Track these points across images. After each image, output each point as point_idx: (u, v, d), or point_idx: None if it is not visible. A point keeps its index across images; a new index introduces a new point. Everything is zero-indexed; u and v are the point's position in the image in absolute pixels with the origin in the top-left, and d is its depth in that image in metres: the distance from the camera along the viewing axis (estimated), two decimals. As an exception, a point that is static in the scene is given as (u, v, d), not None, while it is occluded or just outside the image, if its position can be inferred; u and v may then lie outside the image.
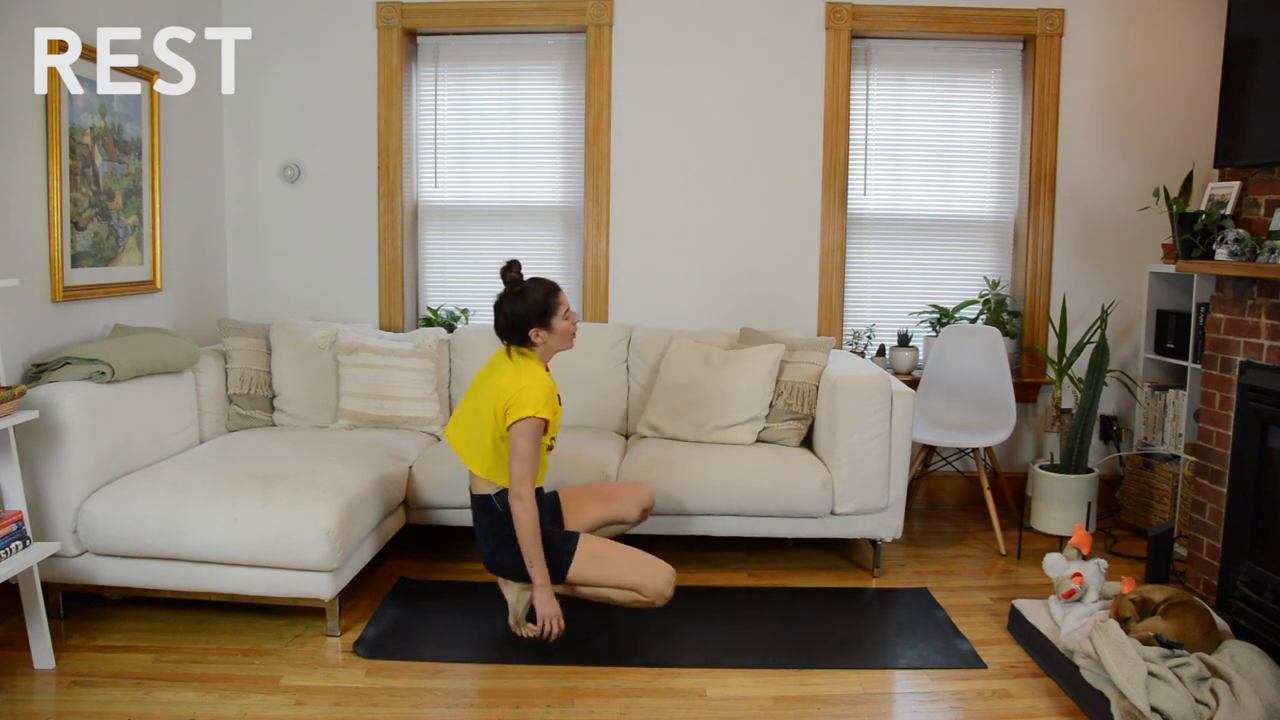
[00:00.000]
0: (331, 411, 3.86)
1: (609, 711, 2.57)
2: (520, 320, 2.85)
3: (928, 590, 3.44)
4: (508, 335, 2.89)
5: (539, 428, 2.77)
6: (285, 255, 4.45)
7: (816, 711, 2.59)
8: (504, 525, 2.85)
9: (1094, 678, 2.54)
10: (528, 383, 2.79)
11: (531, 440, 2.76)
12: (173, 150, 3.93)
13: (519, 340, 2.88)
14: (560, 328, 2.89)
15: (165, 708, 2.55)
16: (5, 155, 3.00)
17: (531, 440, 2.76)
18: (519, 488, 2.75)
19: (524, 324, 2.85)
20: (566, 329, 2.91)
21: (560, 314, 2.89)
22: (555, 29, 4.40)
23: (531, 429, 2.75)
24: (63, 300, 3.25)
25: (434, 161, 4.54)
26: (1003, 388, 4.09)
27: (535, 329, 2.86)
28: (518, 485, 2.76)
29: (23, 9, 3.03)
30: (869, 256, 4.52)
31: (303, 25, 4.34)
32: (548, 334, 2.88)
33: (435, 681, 2.72)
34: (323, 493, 2.96)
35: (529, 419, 2.75)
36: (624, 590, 2.89)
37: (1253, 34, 3.19)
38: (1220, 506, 3.21)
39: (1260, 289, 3.07)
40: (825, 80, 4.32)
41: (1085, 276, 4.38)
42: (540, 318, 2.86)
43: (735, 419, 3.75)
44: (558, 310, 2.89)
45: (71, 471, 2.90)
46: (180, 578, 2.96)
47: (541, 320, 2.86)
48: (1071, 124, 4.32)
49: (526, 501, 2.76)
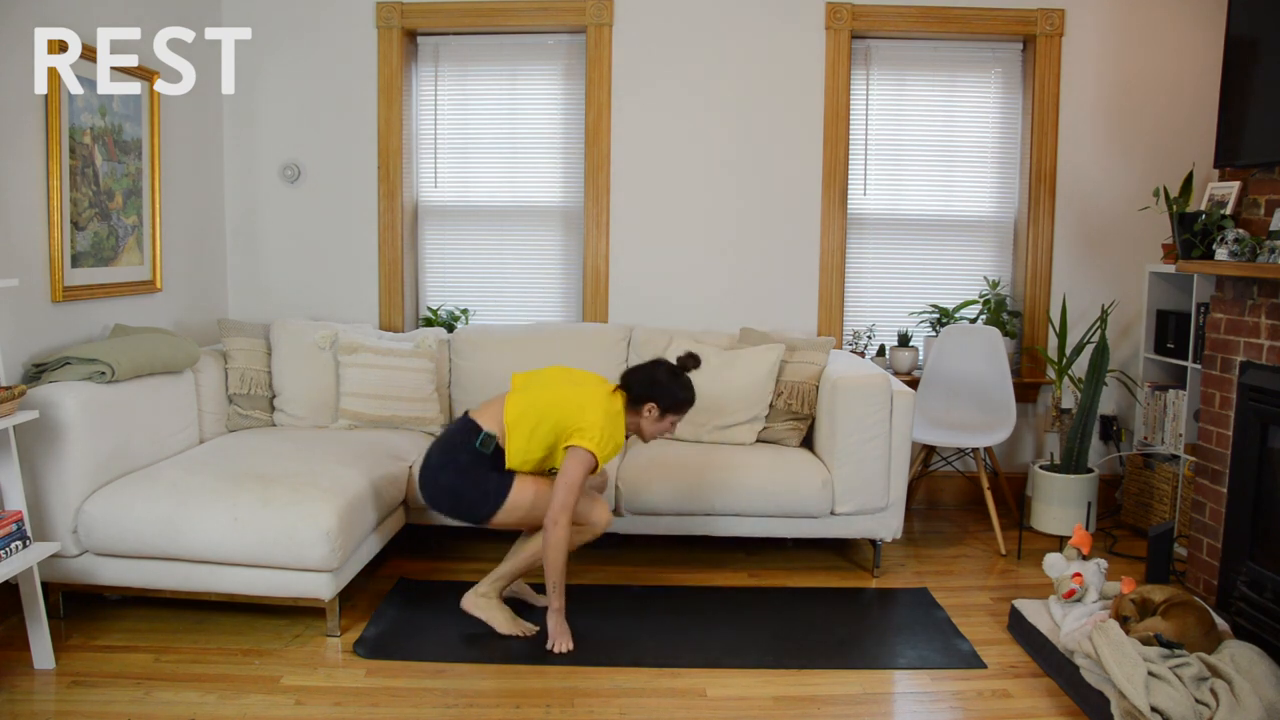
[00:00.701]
0: (331, 411, 3.86)
1: (609, 711, 2.57)
2: (657, 392, 2.97)
3: (928, 590, 3.44)
4: (633, 387, 2.98)
5: (591, 464, 2.84)
6: (285, 255, 4.45)
7: (816, 711, 2.59)
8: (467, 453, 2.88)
9: (1094, 678, 2.54)
10: (611, 428, 2.88)
11: (583, 472, 2.83)
12: (173, 150, 3.93)
13: (636, 399, 2.97)
14: (660, 427, 3.01)
15: (165, 708, 2.55)
16: (5, 155, 3.00)
17: (583, 472, 2.83)
18: (559, 514, 2.81)
19: (655, 396, 2.97)
20: (662, 429, 3.02)
21: (672, 420, 3.02)
22: (555, 29, 4.40)
23: (586, 462, 2.82)
24: (63, 300, 3.25)
25: (434, 161, 4.54)
26: (1003, 388, 4.09)
27: (654, 407, 2.97)
28: (558, 512, 2.81)
29: (23, 9, 3.03)
30: (869, 256, 4.52)
31: (303, 25, 4.34)
32: (654, 419, 2.99)
33: (435, 681, 2.72)
34: (323, 493, 2.96)
35: (591, 453, 2.82)
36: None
37: (1253, 34, 3.19)
38: (1220, 506, 3.21)
39: (1260, 289, 3.07)
40: (825, 80, 4.32)
41: (1085, 276, 4.38)
42: (669, 406, 2.99)
43: (735, 419, 3.75)
44: (678, 414, 3.02)
45: (71, 471, 2.90)
46: (180, 578, 2.96)
47: (665, 407, 2.98)
48: (1071, 124, 4.32)
49: (564, 529, 2.82)
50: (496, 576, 3.05)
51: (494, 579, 3.05)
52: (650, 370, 3.02)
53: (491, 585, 3.05)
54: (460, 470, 2.91)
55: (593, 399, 2.91)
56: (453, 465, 2.92)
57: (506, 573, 3.04)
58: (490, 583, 3.05)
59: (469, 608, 3.04)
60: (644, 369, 3.04)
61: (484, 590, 3.05)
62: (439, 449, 2.97)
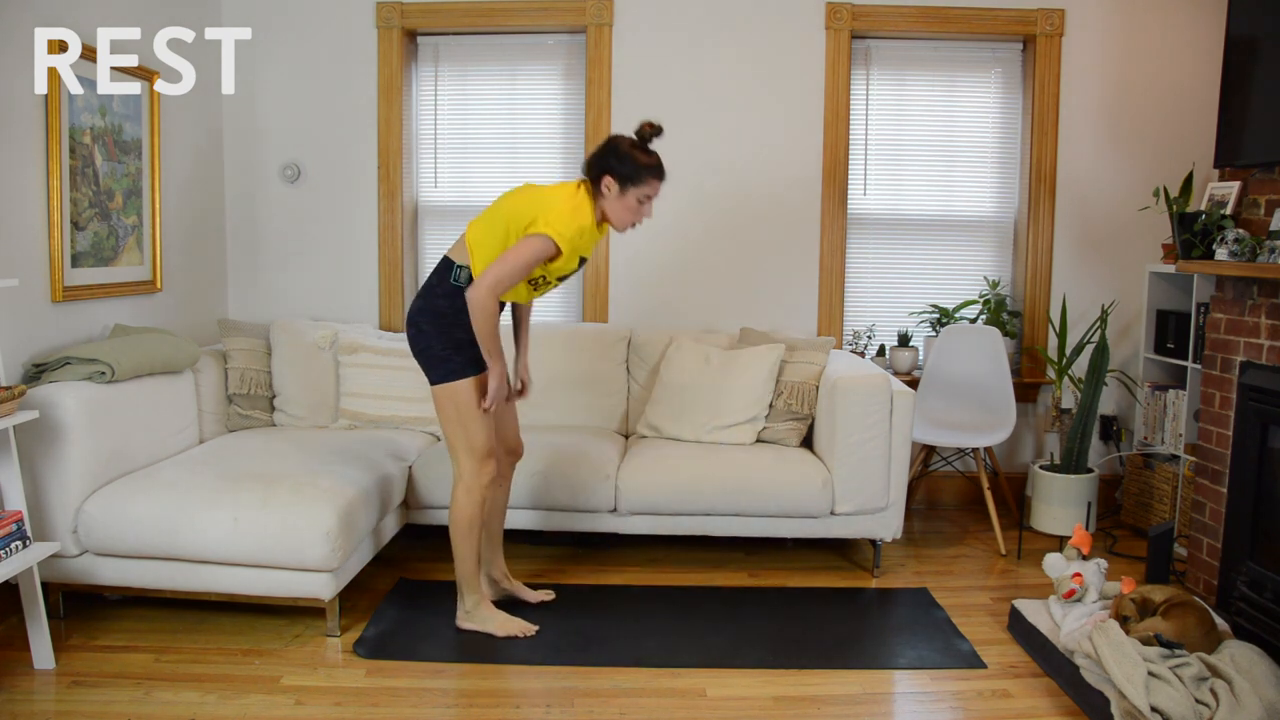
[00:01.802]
0: (331, 411, 3.86)
1: (609, 711, 2.57)
2: (610, 162, 2.74)
3: (928, 590, 3.44)
4: (592, 162, 2.78)
5: (546, 252, 2.66)
6: (285, 255, 4.45)
7: (816, 711, 2.59)
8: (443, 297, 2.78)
9: (1094, 678, 2.54)
10: (574, 214, 2.69)
11: (531, 256, 2.65)
12: (173, 150, 3.93)
13: (595, 173, 2.76)
14: (629, 202, 2.75)
15: (165, 708, 2.55)
16: (5, 155, 3.00)
17: (531, 256, 2.65)
18: (487, 285, 2.65)
19: (608, 167, 2.73)
20: (631, 209, 2.77)
21: (641, 191, 2.75)
22: (555, 29, 4.40)
23: (540, 248, 2.65)
24: (63, 300, 3.25)
25: (434, 161, 4.54)
26: (1003, 388, 4.09)
27: (612, 180, 2.74)
28: (489, 282, 2.65)
29: (23, 9, 3.03)
30: (869, 256, 4.52)
31: (303, 25, 4.34)
32: (618, 193, 2.74)
33: (435, 681, 2.72)
34: (323, 493, 2.96)
35: (545, 238, 2.64)
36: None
37: (1253, 34, 3.19)
38: (1220, 506, 3.21)
39: (1260, 289, 3.07)
40: (825, 80, 4.32)
41: (1085, 276, 4.38)
42: (627, 176, 2.73)
43: (735, 419, 3.75)
44: (642, 186, 2.75)
45: (71, 471, 2.90)
46: (180, 578, 2.96)
47: (623, 177, 2.73)
48: (1071, 124, 4.32)
49: (485, 301, 2.65)
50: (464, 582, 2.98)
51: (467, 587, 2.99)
52: (605, 144, 2.78)
53: (470, 596, 3.00)
54: (436, 317, 2.79)
55: (553, 192, 2.78)
56: (429, 311, 2.80)
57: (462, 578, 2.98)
58: (468, 595, 2.99)
59: (464, 625, 3.01)
60: (600, 146, 2.79)
61: (469, 605, 3.01)
62: (420, 293, 2.86)
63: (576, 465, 3.49)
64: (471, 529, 2.91)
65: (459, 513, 2.90)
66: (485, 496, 2.92)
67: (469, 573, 2.97)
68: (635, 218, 2.81)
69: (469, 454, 2.86)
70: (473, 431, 2.85)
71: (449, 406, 2.84)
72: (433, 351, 2.82)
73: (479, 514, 2.92)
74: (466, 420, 2.84)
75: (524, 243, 2.68)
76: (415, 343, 2.85)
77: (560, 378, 4.05)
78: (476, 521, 2.92)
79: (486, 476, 2.90)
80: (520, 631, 2.98)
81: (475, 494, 2.89)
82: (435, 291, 2.82)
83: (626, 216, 2.80)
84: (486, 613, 3.01)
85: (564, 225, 2.67)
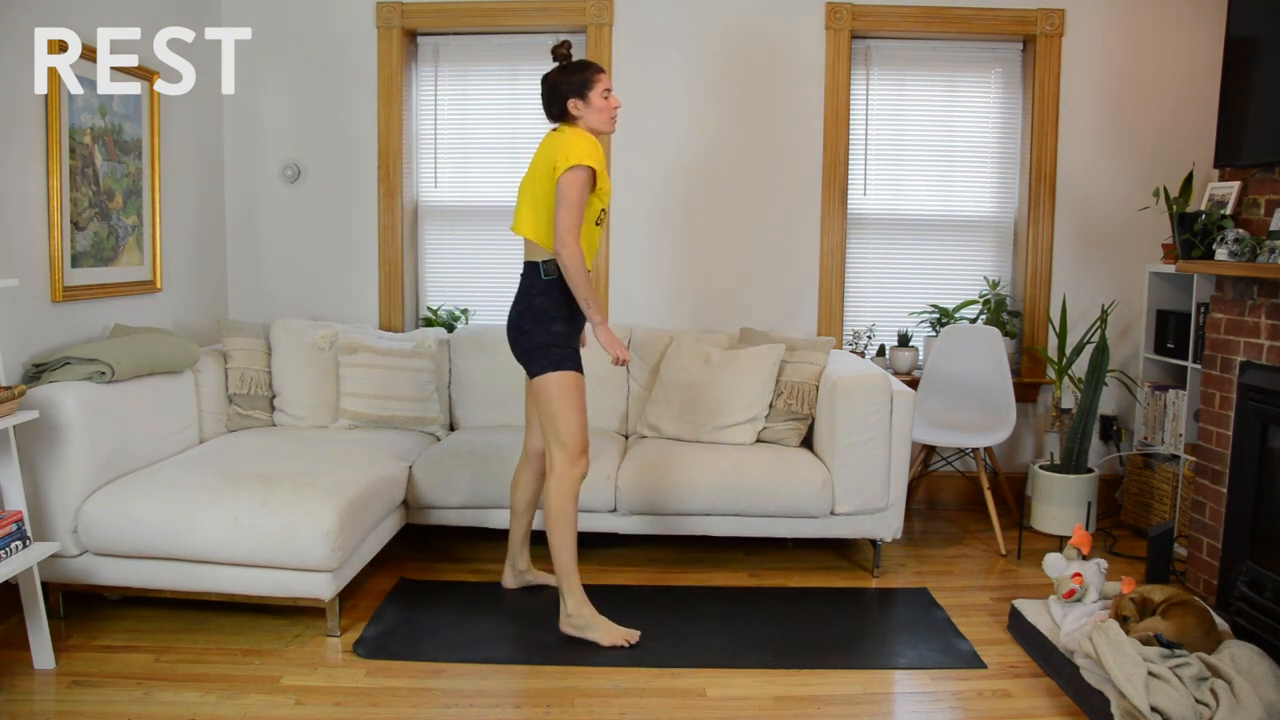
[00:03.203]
0: (331, 411, 3.86)
1: (609, 711, 2.57)
2: (561, 90, 2.92)
3: (928, 590, 3.44)
4: (549, 106, 2.97)
5: (584, 178, 2.80)
6: (285, 255, 4.45)
7: (816, 711, 2.59)
8: (540, 295, 2.92)
9: (1094, 678, 2.54)
10: (574, 139, 2.84)
11: (578, 188, 2.80)
12: (173, 150, 3.93)
13: (560, 112, 2.95)
14: (598, 104, 2.93)
15: (165, 708, 2.55)
16: (5, 155, 3.00)
17: (578, 188, 2.80)
18: (565, 235, 2.79)
19: (563, 96, 2.92)
20: (605, 107, 2.94)
21: (598, 90, 2.92)
22: (555, 29, 4.39)
23: (577, 178, 2.79)
24: (63, 300, 3.25)
25: (434, 161, 4.54)
26: (1003, 388, 4.09)
27: (574, 101, 2.92)
28: (564, 233, 2.79)
29: (23, 9, 3.03)
30: (869, 256, 4.52)
31: (303, 25, 4.34)
32: (585, 107, 2.92)
33: (435, 681, 2.72)
34: (323, 493, 2.96)
35: (574, 168, 2.79)
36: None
37: (1253, 34, 3.19)
38: (1220, 506, 3.21)
39: (1260, 289, 3.07)
40: (825, 80, 4.32)
41: (1085, 276, 4.38)
42: (579, 90, 2.91)
43: (735, 419, 3.75)
44: (596, 86, 2.92)
45: (71, 471, 2.90)
46: (180, 578, 2.96)
47: (579, 93, 2.91)
48: (1071, 124, 4.32)
49: (572, 248, 2.79)
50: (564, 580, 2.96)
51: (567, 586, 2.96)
52: (543, 87, 2.98)
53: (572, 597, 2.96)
54: (537, 315, 2.93)
55: (550, 139, 2.92)
56: (530, 312, 2.94)
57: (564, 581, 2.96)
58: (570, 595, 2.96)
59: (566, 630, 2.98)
60: (544, 92, 2.98)
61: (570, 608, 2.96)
62: (516, 301, 3.02)
63: (576, 465, 3.49)
64: (564, 521, 2.94)
65: (551, 506, 2.94)
66: (578, 490, 2.97)
67: (567, 569, 2.96)
68: (611, 113, 2.98)
69: (561, 447, 2.92)
70: (567, 425, 2.91)
71: (546, 398, 2.92)
72: (535, 347, 2.92)
73: (571, 508, 2.95)
74: (561, 413, 2.90)
75: (563, 183, 2.81)
76: (518, 344, 2.98)
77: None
78: (569, 515, 2.95)
79: (579, 471, 2.95)
80: (624, 640, 2.92)
81: (566, 487, 2.93)
82: (530, 293, 2.96)
83: (604, 117, 2.96)
84: (589, 618, 2.96)
85: (580, 148, 2.82)
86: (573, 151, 2.80)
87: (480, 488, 3.50)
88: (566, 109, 2.93)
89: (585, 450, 2.97)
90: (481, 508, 3.55)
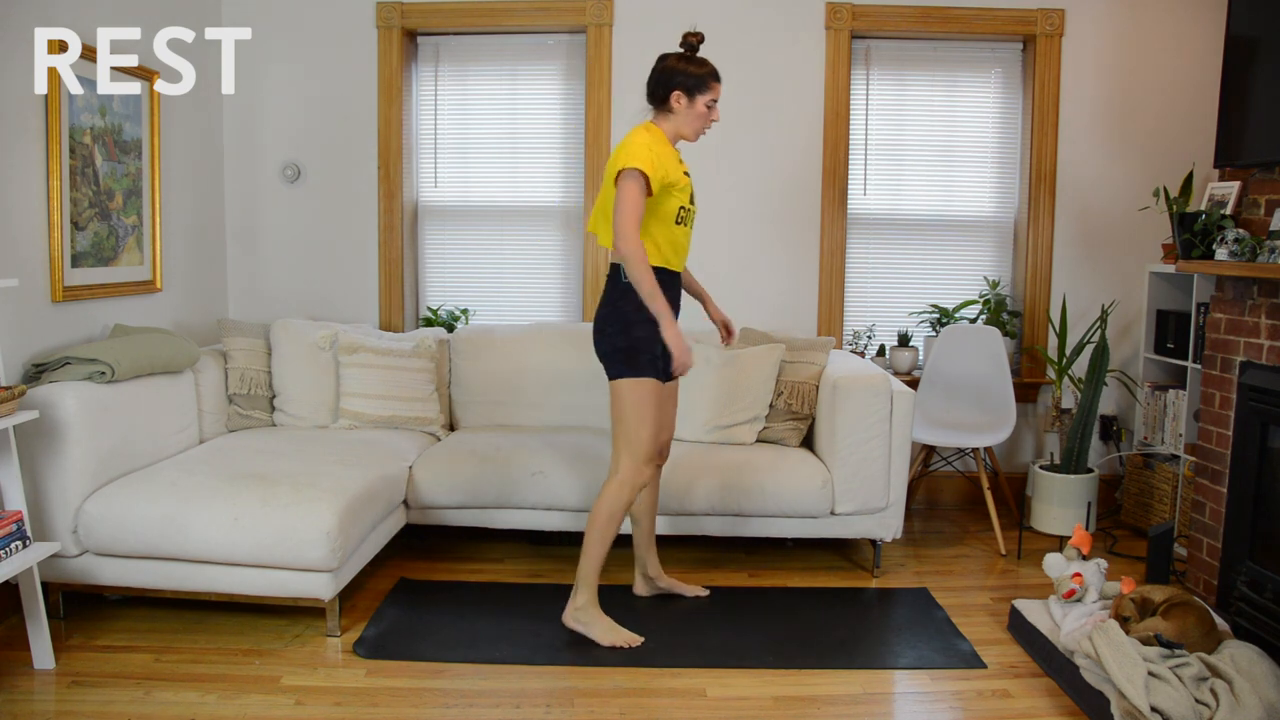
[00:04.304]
0: (331, 411, 3.86)
1: (609, 711, 2.57)
2: (673, 77, 2.89)
3: (928, 590, 3.44)
4: (655, 88, 2.93)
5: (637, 180, 2.76)
6: (285, 255, 4.45)
7: (816, 711, 2.59)
8: (621, 297, 2.88)
9: (1094, 678, 2.54)
10: (634, 142, 2.82)
11: (631, 190, 2.76)
12: (173, 150, 3.93)
13: (661, 97, 2.91)
14: (700, 110, 2.91)
15: (165, 708, 2.55)
16: (5, 155, 3.00)
17: (631, 190, 2.76)
18: (621, 231, 2.76)
19: (673, 85, 2.89)
20: (704, 115, 2.92)
21: (707, 98, 2.90)
22: (555, 29, 4.40)
23: (629, 180, 2.76)
24: (63, 300, 3.25)
25: (434, 161, 4.54)
26: (1003, 388, 4.09)
27: (680, 94, 2.89)
28: (620, 230, 2.77)
29: (23, 9, 3.03)
30: (869, 256, 4.52)
31: (303, 25, 4.34)
32: (687, 106, 2.90)
33: (435, 681, 2.72)
34: (323, 493, 2.96)
35: (625, 173, 2.77)
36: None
37: (1253, 34, 3.19)
38: (1220, 506, 3.21)
39: (1260, 289, 3.07)
40: (825, 80, 4.32)
41: (1085, 276, 4.38)
42: (693, 86, 2.88)
43: (735, 419, 3.75)
44: (708, 92, 2.90)
45: (71, 471, 2.90)
46: (180, 578, 2.96)
47: (690, 90, 2.88)
48: (1071, 124, 4.32)
49: (630, 243, 2.75)
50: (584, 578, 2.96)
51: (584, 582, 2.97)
52: (659, 66, 2.93)
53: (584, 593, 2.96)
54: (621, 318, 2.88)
55: (623, 142, 2.88)
56: (615, 316, 2.90)
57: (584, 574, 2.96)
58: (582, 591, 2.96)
59: (569, 623, 2.98)
60: (655, 69, 2.94)
61: (579, 602, 2.97)
62: (602, 303, 2.97)
63: (576, 463, 3.49)
64: (611, 523, 2.93)
65: (604, 504, 2.92)
66: (634, 498, 2.96)
67: (593, 569, 2.95)
68: (705, 124, 2.96)
69: (630, 453, 2.91)
70: (638, 432, 2.90)
71: (621, 402, 2.91)
72: (614, 350, 2.91)
73: (623, 513, 2.95)
74: (634, 419, 2.89)
75: (619, 190, 2.78)
76: (599, 345, 2.96)
77: (560, 378, 4.05)
78: (618, 519, 2.94)
79: (642, 479, 2.94)
80: (625, 642, 2.93)
81: (625, 492, 2.92)
82: (613, 295, 2.91)
83: (698, 124, 2.94)
84: (594, 616, 2.97)
85: (634, 151, 2.79)
86: (632, 155, 2.78)
87: (480, 488, 3.50)
88: (669, 98, 2.90)
89: (652, 457, 2.97)
90: (481, 508, 3.55)
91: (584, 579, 2.96)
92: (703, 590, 3.35)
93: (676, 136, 2.96)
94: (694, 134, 2.96)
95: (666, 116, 2.93)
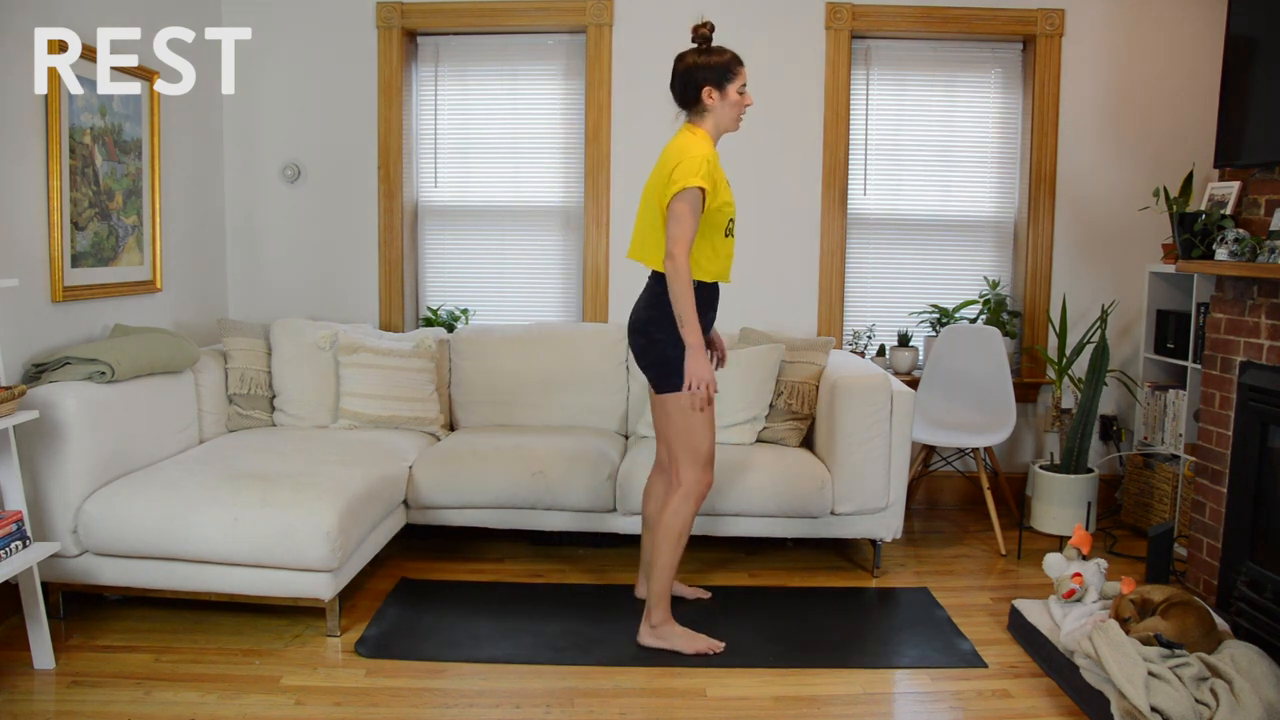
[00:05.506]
0: (331, 411, 3.86)
1: (609, 711, 2.57)
2: (699, 75, 2.78)
3: (928, 590, 3.44)
4: (683, 91, 2.81)
5: (696, 199, 2.69)
6: (285, 255, 4.45)
7: (816, 711, 2.59)
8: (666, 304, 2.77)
9: (1094, 678, 2.54)
10: (692, 154, 2.71)
11: (689, 208, 2.69)
12: (173, 150, 3.93)
13: (692, 99, 2.80)
14: (733, 98, 2.80)
15: (165, 708, 2.55)
16: (5, 155, 3.00)
17: (689, 208, 2.69)
18: (674, 248, 2.68)
19: (701, 82, 2.78)
20: (739, 102, 2.82)
21: (737, 84, 2.80)
22: (555, 29, 4.40)
23: (688, 198, 2.68)
24: (63, 300, 3.25)
25: (434, 161, 4.54)
26: (1003, 388, 4.09)
27: (710, 89, 2.78)
28: (673, 245, 2.69)
29: (23, 9, 3.03)
30: (869, 256, 4.52)
31: (303, 25, 4.34)
32: (720, 99, 2.79)
33: (435, 681, 2.72)
34: (323, 493, 2.96)
35: (683, 190, 2.68)
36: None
37: (1253, 34, 3.19)
38: (1220, 506, 3.21)
39: (1260, 289, 3.07)
40: (825, 80, 4.32)
41: (1085, 276, 4.38)
42: (719, 78, 2.78)
43: (735, 419, 3.75)
44: (736, 78, 2.80)
45: (71, 471, 2.90)
46: (180, 578, 2.96)
47: (718, 82, 2.78)
48: (1071, 124, 4.33)
49: (679, 261, 2.68)
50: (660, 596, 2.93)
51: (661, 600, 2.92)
52: (679, 67, 2.82)
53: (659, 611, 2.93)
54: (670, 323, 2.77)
55: (670, 149, 2.78)
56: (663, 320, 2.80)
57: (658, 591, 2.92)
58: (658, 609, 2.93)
59: (646, 642, 2.94)
60: (677, 72, 2.82)
61: (655, 620, 2.93)
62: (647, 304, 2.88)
63: (576, 464, 3.49)
64: (682, 539, 2.90)
65: (675, 520, 2.88)
66: (699, 507, 2.94)
67: (666, 586, 2.91)
68: (740, 110, 2.85)
69: (693, 462, 2.87)
70: (699, 438, 2.86)
71: (680, 414, 2.84)
72: (668, 360, 2.82)
73: (692, 523, 2.92)
74: (694, 428, 2.85)
75: (675, 205, 2.70)
76: (647, 353, 2.87)
77: (560, 378, 4.05)
78: (688, 530, 2.91)
79: (704, 487, 2.92)
80: (708, 648, 2.91)
81: (691, 504, 2.89)
82: (663, 299, 2.79)
83: (735, 113, 2.84)
84: (672, 630, 2.94)
85: (693, 167, 2.69)
86: (688, 171, 2.68)
87: (480, 488, 3.50)
88: (700, 97, 2.79)
89: (711, 463, 2.93)
90: (481, 508, 3.55)
91: (659, 596, 2.92)
92: (704, 592, 3.34)
93: (719, 132, 2.86)
94: (735, 123, 2.86)
95: (704, 115, 2.82)
